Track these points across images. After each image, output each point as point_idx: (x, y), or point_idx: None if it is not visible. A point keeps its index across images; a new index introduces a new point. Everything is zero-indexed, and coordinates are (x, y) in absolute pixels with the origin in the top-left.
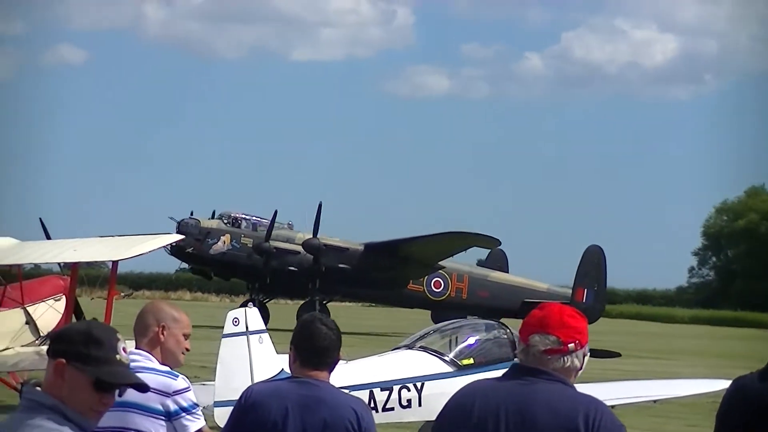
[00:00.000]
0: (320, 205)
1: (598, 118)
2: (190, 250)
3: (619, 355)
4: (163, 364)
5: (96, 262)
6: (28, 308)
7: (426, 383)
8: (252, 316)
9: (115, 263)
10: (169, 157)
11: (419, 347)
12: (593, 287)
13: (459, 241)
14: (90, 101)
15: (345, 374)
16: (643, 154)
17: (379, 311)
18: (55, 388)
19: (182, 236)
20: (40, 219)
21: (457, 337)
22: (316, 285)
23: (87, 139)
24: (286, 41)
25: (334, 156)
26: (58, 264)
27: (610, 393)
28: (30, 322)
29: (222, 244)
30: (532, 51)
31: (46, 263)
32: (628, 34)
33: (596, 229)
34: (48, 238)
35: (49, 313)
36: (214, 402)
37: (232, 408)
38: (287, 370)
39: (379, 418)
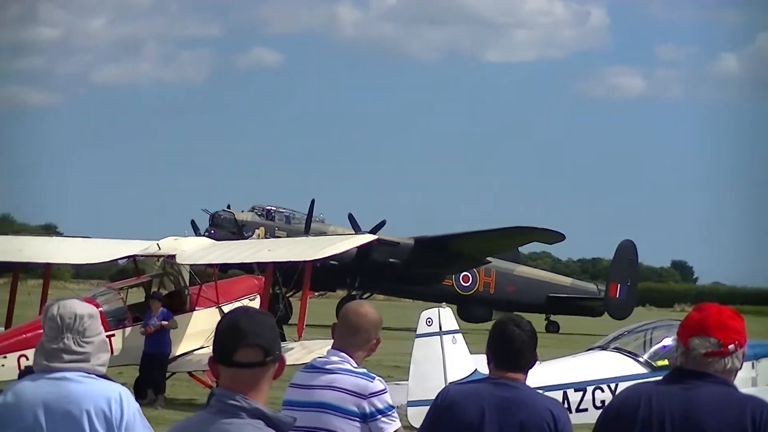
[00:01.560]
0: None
1: None
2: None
3: None
4: None
5: (289, 262)
6: (223, 307)
7: (620, 384)
8: (445, 316)
9: (308, 263)
10: (362, 156)
11: (613, 348)
12: (626, 282)
13: (521, 236)
14: (285, 103)
15: (539, 375)
16: None
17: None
18: (261, 393)
19: (375, 237)
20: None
21: (651, 338)
22: (356, 280)
23: (281, 139)
24: (479, 43)
25: (525, 156)
26: (254, 264)
27: None
28: None
29: (257, 236)
30: (727, 52)
31: (241, 263)
32: None
33: None
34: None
35: None
36: (408, 401)
37: (425, 407)
38: (481, 370)
39: (572, 419)
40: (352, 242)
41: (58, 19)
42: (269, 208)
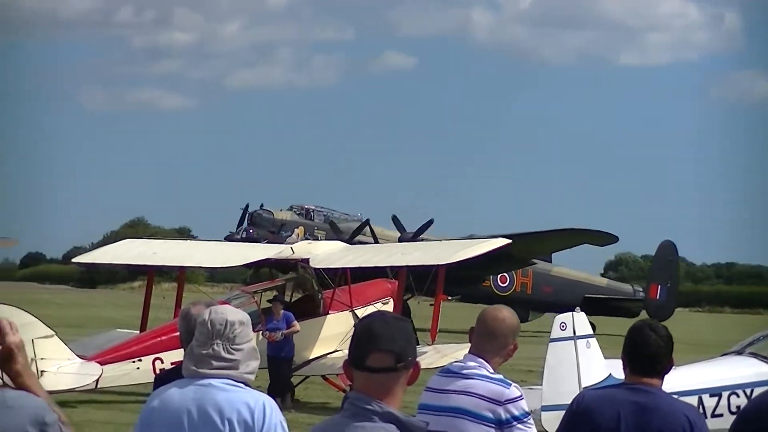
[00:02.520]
0: (367, 221)
1: None
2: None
3: None
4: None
5: (422, 266)
6: (356, 311)
7: (756, 389)
8: (579, 320)
9: (440, 267)
10: (493, 161)
11: (749, 353)
12: (666, 284)
13: (571, 238)
14: (416, 107)
15: (674, 380)
16: None
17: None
18: (395, 398)
19: (509, 241)
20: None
21: None
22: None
23: (412, 143)
24: (613, 46)
25: (661, 160)
26: (387, 268)
27: None
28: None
29: (296, 236)
30: None
31: (375, 266)
32: None
33: None
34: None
35: None
36: (542, 406)
37: (559, 412)
38: (615, 375)
39: (708, 424)
40: (486, 246)
41: (192, 23)
42: (308, 207)
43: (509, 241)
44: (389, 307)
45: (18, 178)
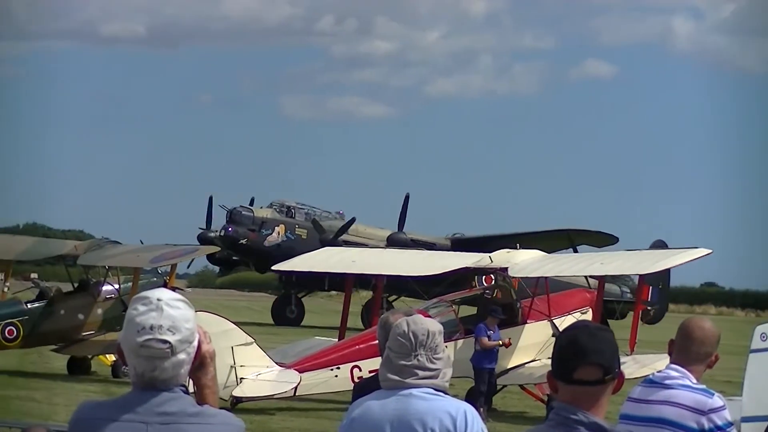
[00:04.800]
0: (407, 197)
1: None
2: (244, 241)
3: None
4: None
5: (621, 276)
6: (554, 321)
7: None
8: None
9: (641, 277)
10: (693, 169)
11: None
12: (658, 285)
13: (566, 239)
14: (617, 116)
15: None
16: None
17: None
18: (600, 409)
19: (709, 251)
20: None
21: None
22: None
23: (609, 152)
24: None
25: None
26: (585, 277)
27: None
28: (557, 335)
29: (276, 235)
30: None
31: (574, 275)
32: None
33: None
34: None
35: None
36: (742, 417)
37: (759, 423)
38: None
39: None
40: (686, 256)
41: (393, 32)
42: (289, 204)
43: (710, 251)
44: (588, 316)
45: (219, 185)
